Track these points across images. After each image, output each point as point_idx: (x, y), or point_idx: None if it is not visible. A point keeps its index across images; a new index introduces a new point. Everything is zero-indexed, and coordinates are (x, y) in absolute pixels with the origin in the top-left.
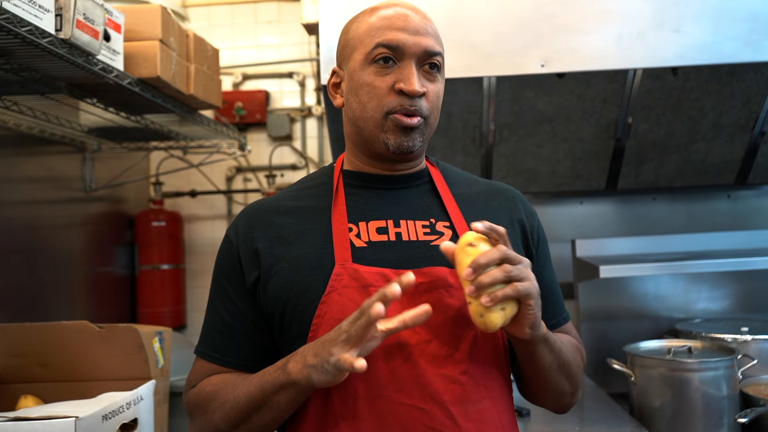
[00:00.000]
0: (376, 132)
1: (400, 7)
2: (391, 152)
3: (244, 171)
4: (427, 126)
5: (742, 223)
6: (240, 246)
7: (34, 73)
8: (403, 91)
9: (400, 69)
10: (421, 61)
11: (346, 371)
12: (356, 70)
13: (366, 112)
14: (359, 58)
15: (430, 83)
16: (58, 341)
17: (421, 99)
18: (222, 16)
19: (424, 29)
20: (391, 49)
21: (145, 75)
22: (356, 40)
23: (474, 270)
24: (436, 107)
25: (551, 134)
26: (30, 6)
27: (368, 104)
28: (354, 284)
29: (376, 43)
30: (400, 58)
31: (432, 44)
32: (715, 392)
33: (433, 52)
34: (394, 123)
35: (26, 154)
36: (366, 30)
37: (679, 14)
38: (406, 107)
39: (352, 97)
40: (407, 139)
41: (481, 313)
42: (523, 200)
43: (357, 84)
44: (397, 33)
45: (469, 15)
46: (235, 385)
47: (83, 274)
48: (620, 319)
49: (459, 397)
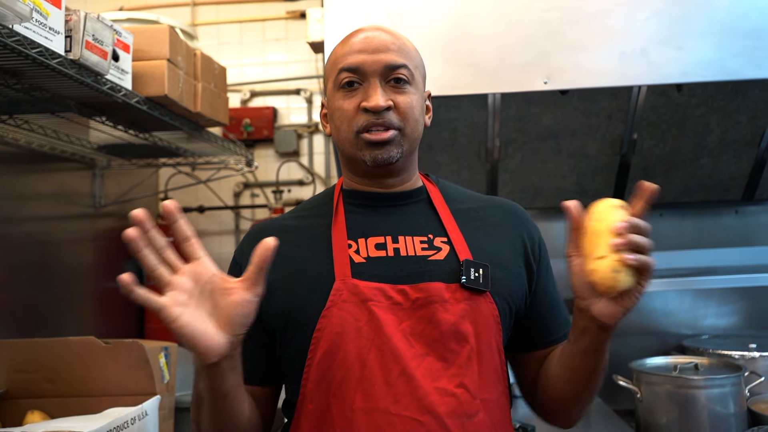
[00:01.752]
0: (353, 151)
1: (367, 30)
2: (371, 167)
3: (252, 186)
4: (405, 137)
5: (750, 238)
6: (243, 264)
7: (44, 92)
8: (367, 108)
9: (365, 88)
10: (385, 77)
11: (174, 324)
12: (330, 98)
13: (341, 134)
14: (330, 86)
15: (398, 95)
16: (65, 357)
17: (389, 112)
18: (230, 34)
19: (384, 46)
20: (352, 72)
21: (153, 93)
22: (329, 71)
23: (630, 226)
24: (410, 117)
25: (556, 150)
26: (40, 28)
27: (341, 127)
28: (353, 299)
29: (339, 69)
30: (363, 78)
31: (393, 58)
32: (722, 410)
33: (394, 65)
34: (364, 141)
35: (37, 171)
36: (333, 60)
37: (682, 31)
38: (374, 121)
39: (331, 123)
40: (381, 152)
41: (617, 269)
42: (525, 215)
43: (331, 110)
44: (357, 55)
45: (474, 32)
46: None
47: (92, 289)
48: (627, 335)
49: (455, 410)
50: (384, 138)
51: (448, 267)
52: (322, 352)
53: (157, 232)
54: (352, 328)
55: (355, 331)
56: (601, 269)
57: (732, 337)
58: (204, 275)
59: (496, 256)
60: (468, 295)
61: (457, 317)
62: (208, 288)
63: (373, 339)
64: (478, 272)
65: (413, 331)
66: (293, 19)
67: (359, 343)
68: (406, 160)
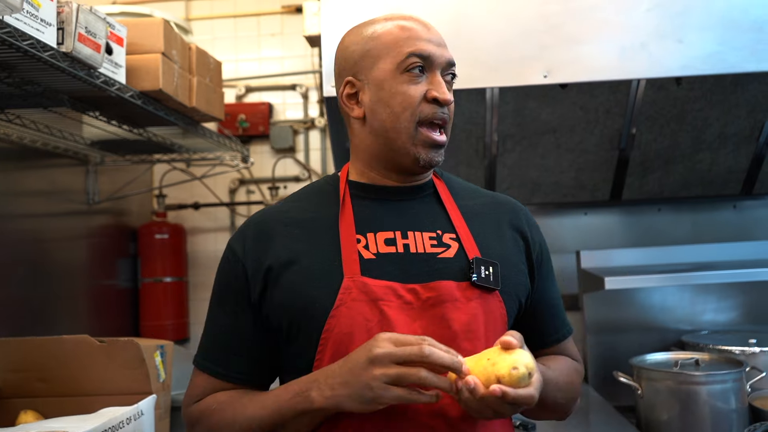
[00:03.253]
0: (408, 145)
1: (412, 19)
2: (421, 166)
3: (248, 183)
4: (446, 138)
5: (749, 233)
6: (246, 258)
7: (36, 86)
8: (436, 99)
9: (428, 79)
10: (444, 72)
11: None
12: (386, 79)
13: (399, 122)
14: (388, 67)
15: (450, 93)
16: (59, 356)
17: (450, 108)
18: (225, 29)
19: (444, 41)
20: (423, 59)
21: (148, 88)
22: (381, 49)
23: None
24: (452, 117)
25: (555, 145)
26: (32, 20)
27: (402, 114)
28: (363, 297)
29: (408, 53)
30: (429, 68)
31: (451, 56)
32: (723, 405)
33: (452, 63)
34: (424, 138)
35: (29, 167)
36: (393, 39)
37: (682, 24)
38: (440, 116)
39: (380, 107)
40: (436, 154)
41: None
42: (527, 213)
43: (388, 93)
44: (426, 44)
45: (473, 26)
46: (244, 406)
47: (86, 287)
48: (626, 331)
49: (467, 414)
50: (443, 141)
51: (457, 265)
52: (331, 353)
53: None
54: (362, 329)
55: (365, 332)
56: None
57: (731, 333)
58: None
59: (503, 254)
60: (478, 294)
61: (469, 316)
62: None
63: None
64: (488, 270)
65: (425, 332)
66: (288, 13)
67: None
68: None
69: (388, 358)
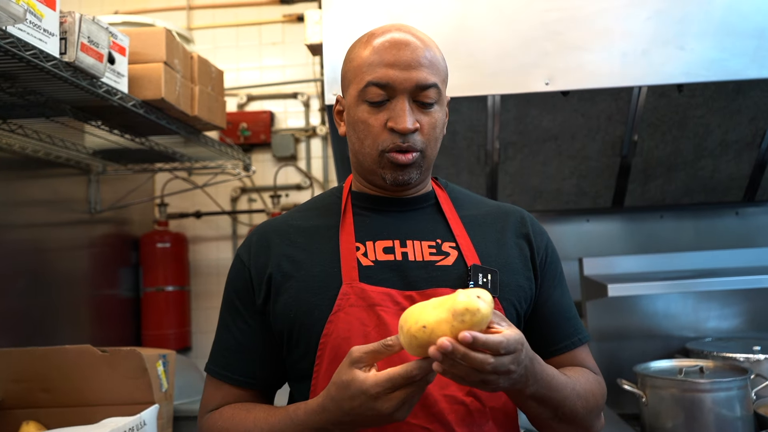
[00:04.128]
0: (374, 168)
1: (396, 32)
2: (389, 185)
3: (249, 191)
4: (425, 158)
5: (751, 240)
6: (251, 265)
7: (38, 96)
8: (395, 130)
9: (392, 105)
10: (414, 95)
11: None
12: (352, 106)
13: (364, 148)
14: (354, 93)
15: (424, 116)
16: (61, 366)
17: (415, 134)
18: (227, 38)
19: (416, 61)
20: (381, 87)
21: (150, 97)
22: (351, 74)
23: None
24: (432, 138)
25: (556, 152)
26: (34, 30)
27: (365, 141)
28: (361, 303)
29: (367, 81)
30: (392, 94)
31: (424, 77)
32: (728, 413)
33: (425, 86)
34: (388, 161)
35: (31, 176)
36: (359, 65)
37: (683, 31)
38: (399, 145)
39: (350, 131)
40: (402, 173)
41: None
42: (533, 221)
43: (353, 120)
44: (387, 70)
45: (474, 33)
46: (247, 426)
47: (88, 296)
48: (629, 338)
49: (464, 419)
50: (408, 160)
51: (456, 272)
52: (330, 358)
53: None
54: (360, 334)
55: (362, 336)
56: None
57: (735, 340)
58: None
59: (504, 262)
60: None
61: None
62: None
63: None
64: (486, 277)
65: None
66: (290, 22)
67: None
68: (422, 178)
69: (385, 391)
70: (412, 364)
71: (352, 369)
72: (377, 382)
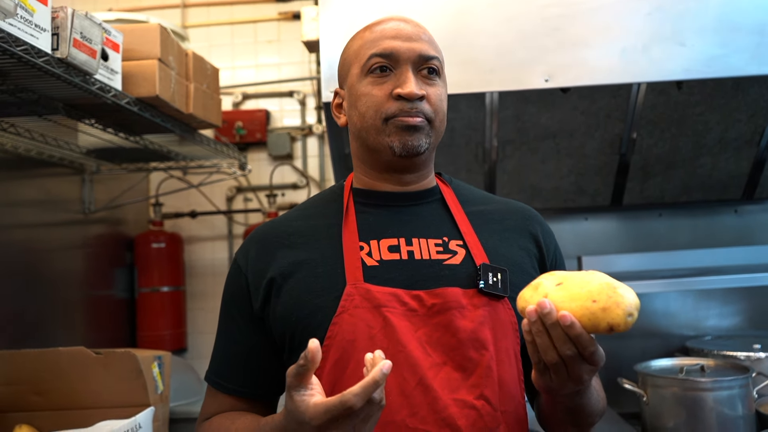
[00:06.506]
0: (380, 138)
1: (393, 20)
2: (398, 155)
3: (245, 191)
4: (433, 129)
5: (750, 238)
6: (249, 270)
7: (31, 93)
8: (401, 95)
9: (396, 76)
10: (417, 66)
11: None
12: (354, 84)
13: (366, 121)
14: (356, 72)
15: (429, 87)
16: (54, 368)
17: (422, 102)
18: (222, 36)
19: (417, 35)
20: (385, 57)
21: (144, 94)
22: (353, 56)
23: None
24: (439, 110)
25: (555, 150)
26: (26, 25)
27: (367, 113)
28: (366, 304)
29: (370, 54)
30: (396, 65)
31: (426, 48)
32: (730, 412)
33: (428, 56)
34: (395, 125)
35: (24, 176)
36: (361, 45)
37: (684, 27)
38: (407, 110)
39: (352, 111)
40: (411, 138)
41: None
42: (540, 219)
43: (356, 97)
44: (390, 41)
45: (472, 29)
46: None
47: (82, 297)
48: (629, 337)
49: (475, 423)
50: (416, 122)
51: (464, 271)
52: (333, 360)
53: None
54: (365, 336)
55: (368, 339)
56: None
57: (735, 338)
58: None
59: (512, 260)
60: (486, 301)
61: (476, 324)
62: None
63: (387, 347)
64: (496, 277)
65: (430, 339)
66: (286, 20)
67: (372, 352)
68: (429, 155)
69: (327, 423)
70: (347, 393)
71: (292, 395)
72: (316, 414)
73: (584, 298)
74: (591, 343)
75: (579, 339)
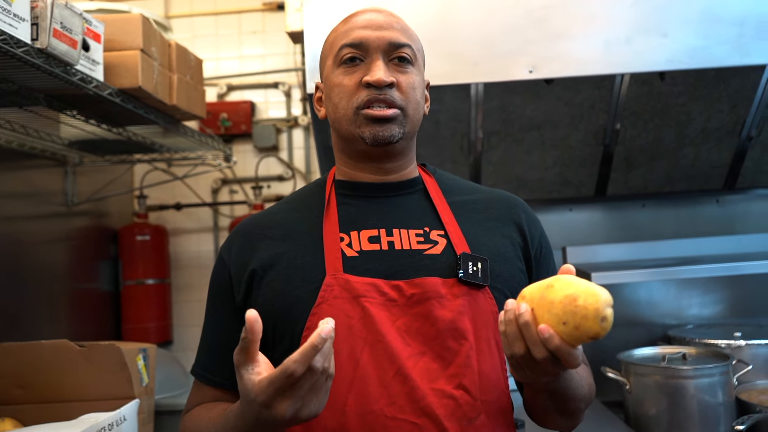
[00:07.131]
0: (351, 129)
1: (368, 11)
2: (370, 145)
3: (230, 183)
4: (406, 118)
5: (731, 227)
6: (231, 263)
7: (10, 84)
8: (369, 83)
9: (366, 65)
10: (388, 54)
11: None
12: (328, 75)
13: (338, 111)
14: (330, 63)
15: (401, 74)
16: (37, 361)
17: (393, 89)
18: (206, 26)
19: (388, 24)
20: (355, 47)
21: (126, 85)
22: (327, 49)
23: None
24: (412, 99)
25: (540, 141)
26: (4, 15)
27: (339, 104)
28: (345, 295)
29: (341, 45)
30: (366, 54)
31: (397, 36)
32: (710, 399)
33: (398, 44)
34: (365, 117)
35: (5, 168)
36: (334, 37)
37: (666, 19)
38: (376, 97)
39: (328, 102)
40: (382, 129)
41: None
42: (525, 208)
43: (330, 88)
44: (360, 31)
45: (457, 21)
46: (203, 425)
47: (66, 290)
48: (613, 326)
49: (454, 413)
50: (386, 115)
51: (444, 261)
52: None
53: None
54: (344, 326)
55: (347, 329)
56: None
57: (717, 326)
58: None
59: (495, 250)
60: (466, 291)
61: (455, 314)
62: None
63: (366, 337)
64: (476, 266)
65: (409, 329)
66: (270, 11)
67: (351, 342)
68: (406, 144)
69: (272, 396)
70: (287, 361)
71: (240, 374)
72: (261, 389)
73: (555, 322)
74: (569, 353)
75: (558, 352)
